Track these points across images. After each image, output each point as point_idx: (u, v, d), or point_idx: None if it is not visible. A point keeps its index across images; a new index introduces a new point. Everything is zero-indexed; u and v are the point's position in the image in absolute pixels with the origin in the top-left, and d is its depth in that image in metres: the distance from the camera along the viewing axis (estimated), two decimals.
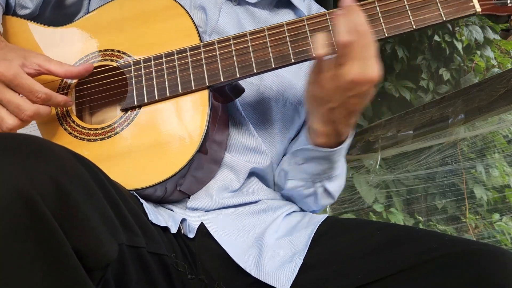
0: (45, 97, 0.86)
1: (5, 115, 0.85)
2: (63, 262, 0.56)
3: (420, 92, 3.62)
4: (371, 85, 0.85)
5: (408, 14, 0.89)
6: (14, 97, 0.84)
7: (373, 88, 0.86)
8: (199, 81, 0.92)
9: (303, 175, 1.01)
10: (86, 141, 0.94)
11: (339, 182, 1.05)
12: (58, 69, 0.89)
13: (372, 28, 0.86)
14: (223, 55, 0.93)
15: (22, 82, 0.84)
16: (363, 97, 0.87)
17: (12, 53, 0.87)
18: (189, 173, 0.92)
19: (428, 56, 3.69)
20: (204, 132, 0.89)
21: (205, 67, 0.93)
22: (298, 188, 1.03)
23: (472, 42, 3.65)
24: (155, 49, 0.96)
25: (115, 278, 0.69)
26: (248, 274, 0.88)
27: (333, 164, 0.98)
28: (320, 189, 1.03)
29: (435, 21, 0.88)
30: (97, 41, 1.00)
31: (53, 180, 0.57)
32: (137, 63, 0.96)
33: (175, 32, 0.97)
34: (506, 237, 2.82)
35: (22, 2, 1.07)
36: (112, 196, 0.71)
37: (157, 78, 0.94)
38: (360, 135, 2.97)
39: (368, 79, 0.83)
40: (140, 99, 0.93)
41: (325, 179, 1.01)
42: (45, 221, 0.55)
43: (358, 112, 0.90)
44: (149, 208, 0.87)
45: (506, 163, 2.95)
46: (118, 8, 1.02)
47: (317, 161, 0.97)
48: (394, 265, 0.81)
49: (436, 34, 3.65)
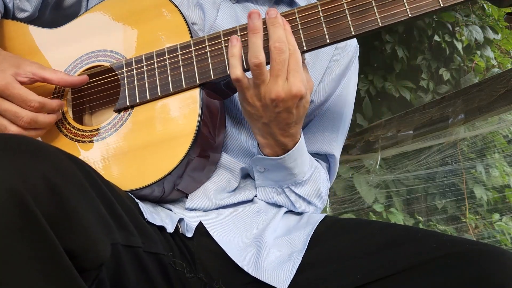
0: (38, 106, 0.86)
1: (7, 124, 0.85)
2: (54, 262, 0.56)
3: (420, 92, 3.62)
4: (298, 100, 0.84)
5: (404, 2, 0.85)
6: (10, 105, 0.85)
7: (303, 100, 0.85)
8: (189, 80, 0.92)
9: (268, 182, 1.00)
10: (81, 142, 0.94)
11: (311, 186, 1.02)
12: (52, 77, 0.89)
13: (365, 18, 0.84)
14: (214, 52, 0.92)
15: (14, 92, 0.84)
16: (293, 111, 0.86)
17: (5, 62, 0.88)
18: (186, 172, 0.92)
19: (428, 56, 3.69)
20: (196, 130, 0.89)
21: (196, 65, 0.92)
22: (270, 195, 1.02)
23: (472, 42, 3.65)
24: (147, 48, 0.96)
25: (111, 278, 0.69)
26: (247, 273, 0.87)
27: (291, 171, 0.96)
28: (291, 194, 1.01)
29: (431, 7, 0.84)
30: (91, 42, 1.00)
31: (46, 180, 0.57)
32: (129, 63, 0.96)
33: (167, 30, 0.97)
34: (506, 237, 2.83)
35: (21, 6, 1.07)
36: (106, 196, 0.70)
37: (148, 78, 0.94)
38: (360, 135, 2.97)
39: (292, 95, 0.83)
40: (132, 99, 0.94)
41: (292, 185, 1.00)
42: (36, 221, 0.55)
43: (293, 124, 0.89)
44: (145, 207, 0.87)
45: (506, 163, 2.95)
46: (111, 8, 1.02)
47: (274, 168, 0.97)
48: (394, 265, 0.80)
49: (436, 34, 3.66)
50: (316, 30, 0.88)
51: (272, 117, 0.87)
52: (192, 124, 0.90)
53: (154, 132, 0.91)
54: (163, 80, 0.93)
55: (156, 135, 0.91)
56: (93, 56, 0.99)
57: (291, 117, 0.87)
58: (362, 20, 0.87)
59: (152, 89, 0.93)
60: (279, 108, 0.85)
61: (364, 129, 3.00)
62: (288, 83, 0.83)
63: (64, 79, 0.90)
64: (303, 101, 0.86)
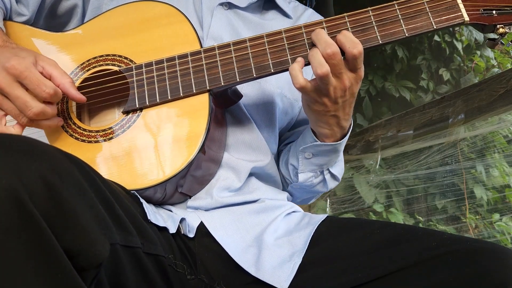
0: (52, 93, 0.86)
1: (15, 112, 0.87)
2: (53, 261, 0.56)
3: (420, 92, 3.62)
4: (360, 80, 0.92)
5: (401, 23, 0.93)
6: (23, 93, 0.85)
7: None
8: (200, 85, 0.94)
9: (312, 167, 1.08)
10: (87, 142, 0.94)
11: (341, 164, 1.15)
12: (57, 78, 0.89)
13: (366, 35, 0.92)
14: (224, 61, 0.95)
15: (31, 75, 0.85)
16: (356, 93, 0.93)
17: (24, 52, 0.89)
18: (189, 174, 0.92)
19: (428, 56, 3.69)
20: (205, 134, 0.90)
21: (206, 72, 0.95)
22: (309, 179, 1.10)
23: (472, 42, 3.65)
24: (156, 55, 0.98)
25: (110, 279, 0.69)
26: (248, 273, 0.87)
27: (338, 153, 1.06)
28: (328, 175, 1.11)
29: (426, 29, 0.93)
30: (99, 46, 1.01)
31: (43, 179, 0.56)
32: (138, 68, 0.97)
33: (176, 38, 0.99)
34: (506, 237, 2.82)
35: (19, 10, 1.07)
36: (104, 196, 0.70)
37: (158, 82, 0.95)
38: (360, 135, 2.97)
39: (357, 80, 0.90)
40: (142, 102, 0.95)
41: (331, 165, 1.10)
42: (33, 220, 0.55)
43: (354, 102, 0.96)
44: (149, 208, 0.87)
45: (506, 163, 2.95)
46: (120, 15, 1.03)
47: (326, 153, 1.05)
48: (394, 264, 0.80)
49: (436, 34, 3.65)
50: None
51: (339, 107, 0.94)
52: (201, 127, 0.91)
53: (162, 134, 0.92)
54: (173, 85, 0.95)
55: (164, 137, 0.92)
56: (101, 60, 1.00)
57: (354, 97, 0.95)
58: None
59: (162, 93, 0.95)
60: (346, 97, 0.92)
61: (364, 129, 2.99)
62: (351, 73, 0.89)
63: (65, 87, 0.90)
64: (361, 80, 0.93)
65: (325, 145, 1.02)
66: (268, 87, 1.09)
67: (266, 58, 0.94)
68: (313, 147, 1.03)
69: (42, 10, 1.13)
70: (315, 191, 1.16)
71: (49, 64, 0.89)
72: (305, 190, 1.15)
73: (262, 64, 0.94)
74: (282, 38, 0.94)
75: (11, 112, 0.87)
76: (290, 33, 0.94)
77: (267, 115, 1.09)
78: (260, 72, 0.94)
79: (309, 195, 1.20)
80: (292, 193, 1.18)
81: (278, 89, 1.10)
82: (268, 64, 0.94)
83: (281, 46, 0.94)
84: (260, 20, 1.17)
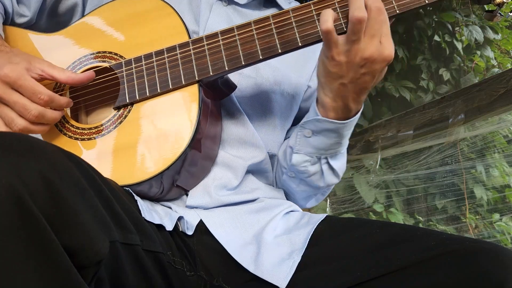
0: (47, 99, 0.87)
1: (15, 116, 0.86)
2: (53, 259, 0.56)
3: (420, 92, 3.61)
4: (386, 64, 0.86)
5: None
6: (20, 98, 0.86)
7: (386, 67, 0.88)
8: (188, 76, 0.94)
9: (309, 149, 1.01)
10: (80, 140, 0.94)
11: (343, 160, 1.06)
12: (61, 76, 0.90)
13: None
14: (212, 50, 0.94)
15: (25, 83, 0.85)
16: (376, 75, 0.88)
17: (18, 57, 0.89)
18: (184, 167, 0.92)
19: (428, 56, 3.69)
20: (195, 125, 0.90)
21: (194, 62, 0.94)
22: (303, 164, 1.03)
23: (472, 42, 3.65)
24: (146, 49, 0.97)
25: (110, 276, 0.69)
26: (247, 271, 0.88)
27: (341, 139, 0.99)
28: (325, 166, 1.04)
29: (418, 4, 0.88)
30: (89, 45, 1.02)
31: (43, 178, 0.57)
32: (128, 63, 0.97)
33: (165, 31, 0.99)
34: (506, 237, 2.82)
35: (20, 11, 1.08)
36: (104, 194, 0.70)
37: (147, 76, 0.95)
38: (360, 135, 2.97)
39: (384, 57, 0.85)
40: (132, 96, 0.95)
41: (330, 155, 1.02)
42: (33, 219, 0.55)
43: (369, 89, 0.91)
44: (143, 205, 0.87)
45: (506, 163, 2.95)
46: (108, 12, 1.04)
47: (326, 134, 0.98)
48: (393, 263, 0.80)
49: (436, 34, 3.65)
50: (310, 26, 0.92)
51: (354, 78, 0.88)
52: (192, 119, 0.91)
53: (154, 128, 0.92)
54: (162, 77, 0.94)
55: (156, 130, 0.92)
56: (91, 58, 1.00)
57: (370, 82, 0.89)
58: None
59: (151, 86, 0.94)
60: (365, 69, 0.86)
61: (364, 129, 2.99)
62: (382, 45, 0.84)
63: (71, 77, 0.91)
64: (385, 69, 0.88)
65: (327, 122, 0.96)
66: (266, 84, 1.08)
67: (254, 44, 0.93)
68: (314, 122, 0.98)
69: (43, 10, 1.13)
70: (312, 185, 1.09)
71: (47, 65, 0.90)
72: (302, 181, 1.09)
73: (250, 51, 0.93)
74: (270, 24, 0.93)
75: (5, 118, 0.87)
76: (278, 17, 0.93)
77: (264, 111, 1.08)
78: (249, 59, 0.93)
79: (307, 189, 1.12)
80: (289, 189, 1.15)
81: (276, 86, 1.09)
82: (257, 50, 0.92)
83: (269, 31, 0.93)
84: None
